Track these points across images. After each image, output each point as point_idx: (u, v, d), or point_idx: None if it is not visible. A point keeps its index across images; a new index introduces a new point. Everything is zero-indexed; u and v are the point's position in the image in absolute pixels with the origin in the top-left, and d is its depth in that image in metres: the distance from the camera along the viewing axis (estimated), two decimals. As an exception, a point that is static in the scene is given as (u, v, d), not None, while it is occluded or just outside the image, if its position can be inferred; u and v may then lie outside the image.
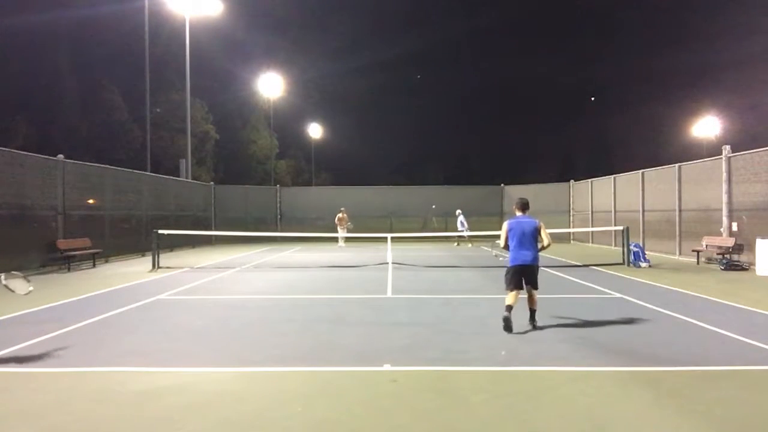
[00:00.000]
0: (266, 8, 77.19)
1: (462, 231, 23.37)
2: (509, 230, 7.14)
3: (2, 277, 6.31)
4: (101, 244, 16.40)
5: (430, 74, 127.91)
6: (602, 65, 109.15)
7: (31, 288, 6.42)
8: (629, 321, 7.53)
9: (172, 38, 37.52)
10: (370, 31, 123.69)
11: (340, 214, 23.97)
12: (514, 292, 6.94)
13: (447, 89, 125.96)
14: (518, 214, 7.27)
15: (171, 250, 20.50)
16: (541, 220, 7.24)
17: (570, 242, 26.36)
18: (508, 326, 6.62)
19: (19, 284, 6.39)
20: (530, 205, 7.41)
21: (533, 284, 7.09)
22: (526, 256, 6.96)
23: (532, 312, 7.07)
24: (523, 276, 7.00)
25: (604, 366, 5.36)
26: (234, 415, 4.16)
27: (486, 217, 29.23)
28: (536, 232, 7.04)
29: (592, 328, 7.03)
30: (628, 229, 15.64)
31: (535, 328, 6.90)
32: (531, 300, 7.09)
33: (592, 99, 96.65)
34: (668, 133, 69.60)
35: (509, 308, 6.80)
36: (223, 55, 55.06)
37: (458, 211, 24.29)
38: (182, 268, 15.01)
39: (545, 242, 7.11)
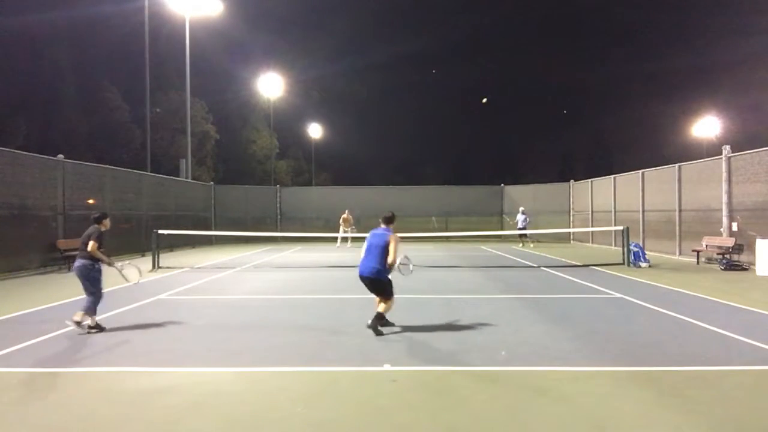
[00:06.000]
0: (266, 8, 77.41)
1: (523, 229, 22.14)
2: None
3: (119, 265, 7.76)
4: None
5: (430, 74, 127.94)
6: (602, 65, 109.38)
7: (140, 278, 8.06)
8: (629, 321, 7.54)
9: (172, 38, 37.48)
10: (371, 31, 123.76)
11: (344, 215, 23.31)
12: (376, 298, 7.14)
13: (447, 89, 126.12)
14: (382, 227, 7.26)
15: (171, 250, 20.51)
16: (396, 234, 7.11)
17: (570, 242, 26.32)
18: (376, 333, 6.73)
19: (132, 273, 7.81)
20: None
21: (379, 294, 7.09)
22: (364, 267, 7.01)
23: (376, 315, 6.92)
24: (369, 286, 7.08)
25: (604, 366, 5.37)
26: (234, 415, 4.16)
27: (486, 217, 29.15)
28: (385, 245, 6.95)
29: (592, 328, 7.03)
30: (628, 229, 15.64)
31: (369, 327, 6.77)
32: (378, 303, 7.09)
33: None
34: (668, 133, 69.77)
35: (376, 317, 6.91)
36: (223, 55, 55.20)
37: (521, 209, 22.85)
38: (182, 268, 15.01)
39: (390, 259, 6.88)
